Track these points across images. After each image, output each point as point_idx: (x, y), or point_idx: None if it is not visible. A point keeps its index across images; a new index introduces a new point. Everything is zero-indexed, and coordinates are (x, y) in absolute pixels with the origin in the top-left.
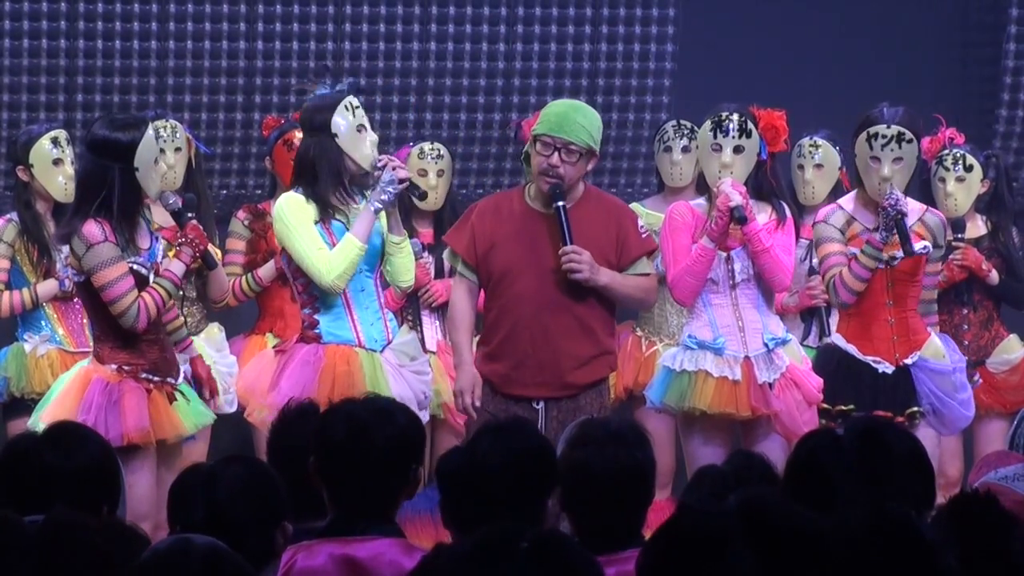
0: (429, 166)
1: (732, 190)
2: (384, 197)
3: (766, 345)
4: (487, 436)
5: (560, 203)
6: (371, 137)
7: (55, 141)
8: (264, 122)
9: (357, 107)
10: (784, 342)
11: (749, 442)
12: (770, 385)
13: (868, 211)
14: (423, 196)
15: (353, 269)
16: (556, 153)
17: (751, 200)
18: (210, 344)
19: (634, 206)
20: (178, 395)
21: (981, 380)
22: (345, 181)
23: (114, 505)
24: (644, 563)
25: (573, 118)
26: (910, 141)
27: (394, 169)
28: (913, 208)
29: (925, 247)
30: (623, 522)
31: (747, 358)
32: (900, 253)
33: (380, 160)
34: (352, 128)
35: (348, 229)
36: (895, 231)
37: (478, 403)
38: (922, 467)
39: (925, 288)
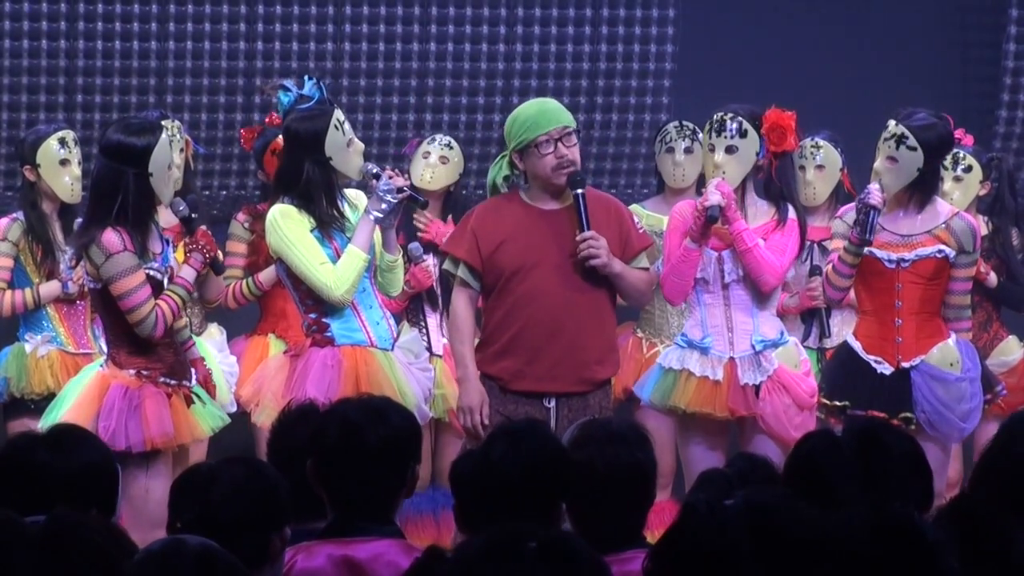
0: (434, 149)
1: (713, 190)
2: (384, 206)
3: (753, 347)
4: (502, 440)
5: (579, 190)
6: (358, 147)
7: (62, 141)
8: (241, 135)
9: (344, 121)
10: (776, 344)
11: (745, 444)
12: (756, 387)
13: (889, 209)
14: (424, 205)
15: (359, 281)
16: (558, 144)
17: (759, 199)
18: (211, 345)
19: (634, 207)
20: (195, 397)
21: (1007, 391)
22: (338, 200)
23: (106, 509)
24: (651, 567)
25: (550, 108)
26: (912, 148)
27: (391, 178)
28: (940, 212)
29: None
30: (624, 522)
31: (732, 359)
32: (909, 255)
33: (371, 167)
34: (343, 145)
35: (345, 233)
36: (864, 227)
37: (487, 421)
38: (920, 468)
39: (956, 294)
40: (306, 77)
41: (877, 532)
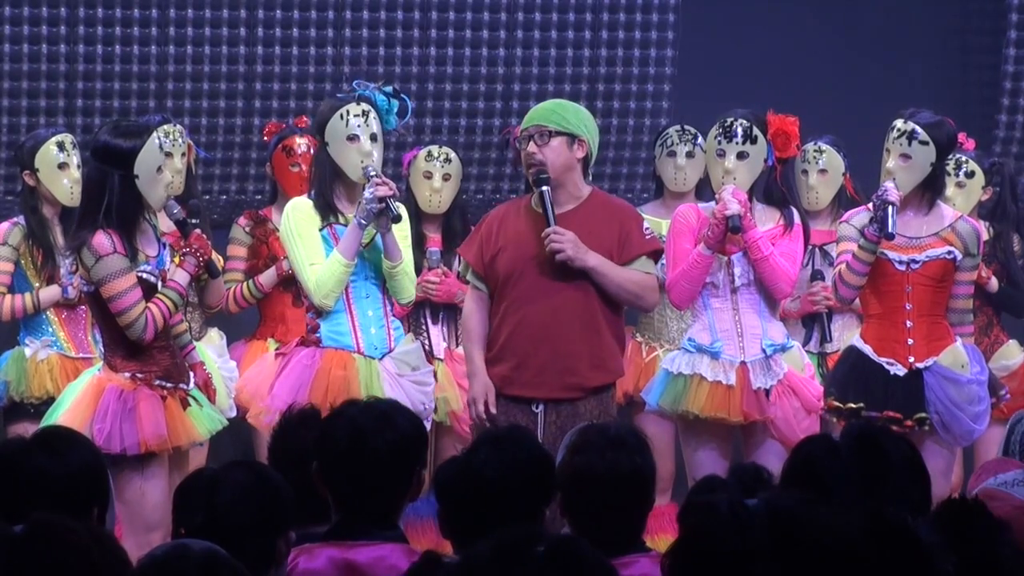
0: (435, 169)
1: (731, 198)
2: (364, 213)
3: (764, 351)
4: (485, 446)
5: (544, 188)
6: (363, 147)
7: (61, 145)
8: (266, 127)
9: (356, 115)
10: (784, 349)
11: (748, 448)
12: (767, 391)
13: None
14: (396, 219)
15: (340, 287)
16: (530, 141)
17: (761, 205)
18: (211, 349)
19: None
20: (191, 400)
21: (1010, 396)
22: (337, 189)
23: (104, 508)
24: (669, 565)
25: (545, 107)
26: (924, 143)
27: (376, 186)
28: (945, 214)
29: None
30: (623, 527)
31: (743, 363)
32: (920, 256)
33: (370, 169)
34: (341, 136)
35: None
36: (883, 222)
37: (493, 410)
38: (918, 472)
39: (959, 297)
40: (343, 83)
41: (872, 536)
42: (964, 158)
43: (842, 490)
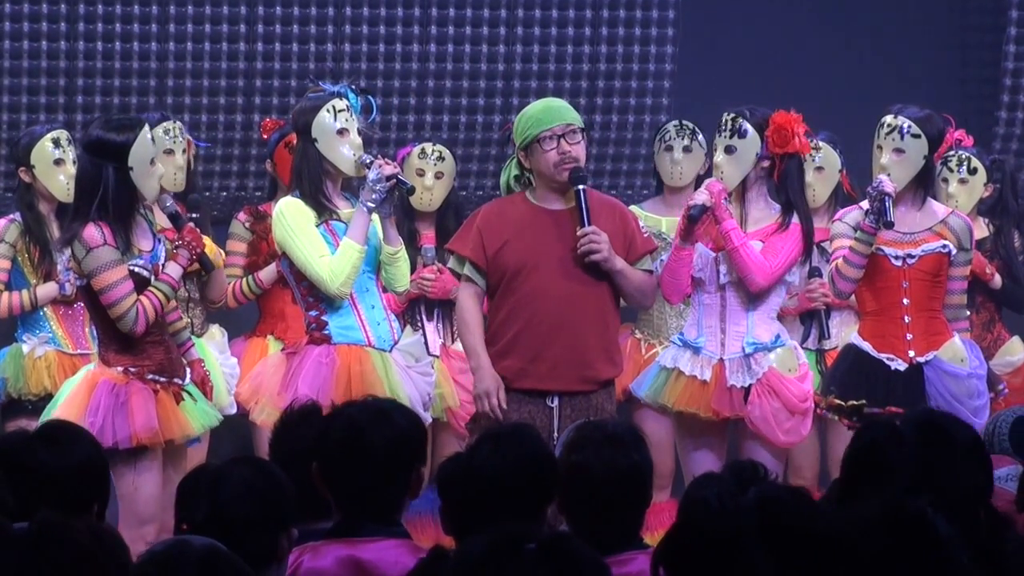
0: (427, 167)
1: (703, 190)
2: (374, 196)
3: (743, 349)
4: (487, 443)
5: (581, 186)
6: (353, 141)
7: (56, 142)
8: (263, 124)
9: (341, 110)
10: (768, 348)
11: (742, 447)
12: (746, 390)
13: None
14: (411, 191)
15: (356, 273)
16: (561, 140)
17: (763, 201)
18: (212, 346)
19: (632, 208)
20: (185, 395)
21: (1008, 391)
22: (326, 186)
23: (104, 503)
24: (660, 556)
25: (556, 106)
26: (916, 136)
27: (380, 166)
28: (937, 210)
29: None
30: (621, 524)
31: (721, 360)
32: (916, 251)
33: (365, 157)
34: (331, 132)
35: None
36: (881, 212)
37: (504, 404)
38: (982, 458)
39: (953, 293)
40: (344, 80)
41: (890, 527)
42: (966, 155)
43: (906, 476)
